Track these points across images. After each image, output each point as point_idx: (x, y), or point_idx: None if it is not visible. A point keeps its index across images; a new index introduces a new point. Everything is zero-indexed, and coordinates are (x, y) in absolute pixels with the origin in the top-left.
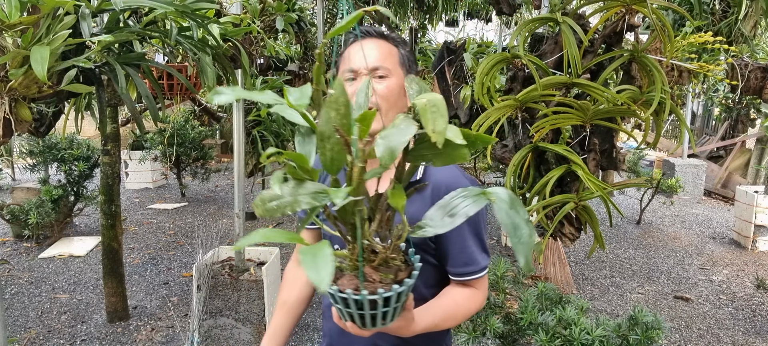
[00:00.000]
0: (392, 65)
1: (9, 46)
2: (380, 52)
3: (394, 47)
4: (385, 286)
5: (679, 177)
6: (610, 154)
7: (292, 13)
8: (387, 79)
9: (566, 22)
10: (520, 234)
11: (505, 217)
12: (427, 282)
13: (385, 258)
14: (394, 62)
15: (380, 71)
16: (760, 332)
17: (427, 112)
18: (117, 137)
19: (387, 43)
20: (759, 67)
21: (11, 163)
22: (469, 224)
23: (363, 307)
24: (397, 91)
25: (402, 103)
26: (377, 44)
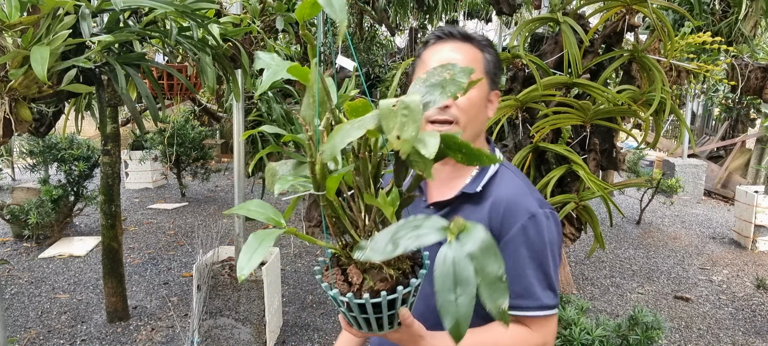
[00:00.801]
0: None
1: (9, 46)
2: (465, 60)
3: (479, 52)
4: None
5: (679, 177)
6: (611, 154)
7: (292, 13)
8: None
9: (566, 22)
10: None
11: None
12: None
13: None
14: (479, 70)
15: None
16: (760, 332)
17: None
18: (117, 137)
19: (472, 48)
20: (759, 67)
21: (11, 163)
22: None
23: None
24: (479, 103)
25: (483, 116)
26: (460, 49)
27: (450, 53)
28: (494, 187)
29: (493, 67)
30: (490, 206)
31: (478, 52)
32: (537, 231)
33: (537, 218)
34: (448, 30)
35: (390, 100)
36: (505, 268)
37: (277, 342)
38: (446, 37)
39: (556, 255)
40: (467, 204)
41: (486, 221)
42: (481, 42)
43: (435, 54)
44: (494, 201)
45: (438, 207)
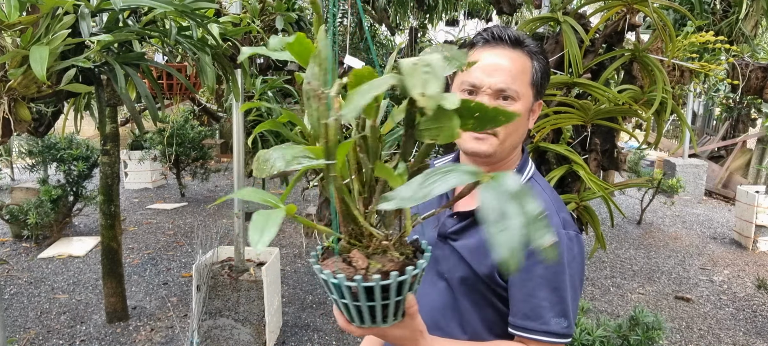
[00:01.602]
0: (522, 86)
1: (8, 45)
2: (512, 70)
3: (528, 61)
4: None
5: (680, 177)
6: (611, 154)
7: (291, 12)
8: (514, 103)
9: (567, 21)
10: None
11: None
12: (490, 327)
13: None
14: (524, 82)
15: (507, 92)
16: (760, 333)
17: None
18: (116, 137)
19: (522, 56)
20: (760, 67)
21: (10, 163)
22: (545, 268)
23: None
24: (523, 117)
25: (524, 128)
26: (510, 57)
27: (496, 59)
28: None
29: (540, 78)
30: None
31: (528, 61)
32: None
33: (559, 238)
34: (498, 33)
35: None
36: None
37: (276, 343)
38: (494, 42)
39: (576, 281)
40: None
41: None
42: (531, 48)
43: (480, 56)
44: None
45: (461, 218)
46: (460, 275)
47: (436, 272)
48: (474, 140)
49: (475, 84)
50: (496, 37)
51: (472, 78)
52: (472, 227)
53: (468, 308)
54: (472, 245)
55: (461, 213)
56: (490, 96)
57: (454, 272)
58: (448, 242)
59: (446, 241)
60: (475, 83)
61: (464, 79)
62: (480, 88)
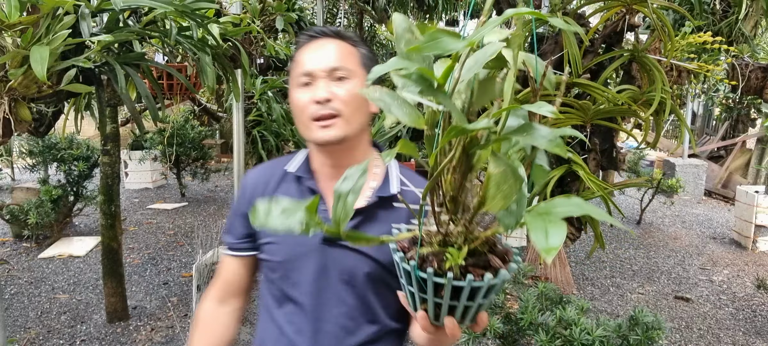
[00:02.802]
0: (353, 65)
1: (9, 46)
2: (339, 52)
3: (352, 47)
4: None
5: (680, 177)
6: (611, 154)
7: (292, 12)
8: (348, 81)
9: (566, 21)
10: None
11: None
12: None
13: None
14: (354, 62)
15: (340, 72)
16: (760, 333)
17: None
18: (117, 137)
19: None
20: (759, 67)
21: (11, 163)
22: None
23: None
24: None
25: (366, 109)
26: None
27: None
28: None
29: (368, 62)
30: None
31: (352, 47)
32: None
33: None
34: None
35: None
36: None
37: None
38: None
39: None
40: (381, 209)
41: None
42: (353, 39)
43: (308, 53)
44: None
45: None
46: (366, 272)
47: (339, 280)
48: (321, 129)
49: (309, 72)
50: (319, 33)
51: (305, 67)
52: (369, 220)
53: (375, 301)
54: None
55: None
56: (325, 78)
57: (358, 270)
58: (338, 243)
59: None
60: (308, 71)
61: (298, 72)
62: (314, 74)
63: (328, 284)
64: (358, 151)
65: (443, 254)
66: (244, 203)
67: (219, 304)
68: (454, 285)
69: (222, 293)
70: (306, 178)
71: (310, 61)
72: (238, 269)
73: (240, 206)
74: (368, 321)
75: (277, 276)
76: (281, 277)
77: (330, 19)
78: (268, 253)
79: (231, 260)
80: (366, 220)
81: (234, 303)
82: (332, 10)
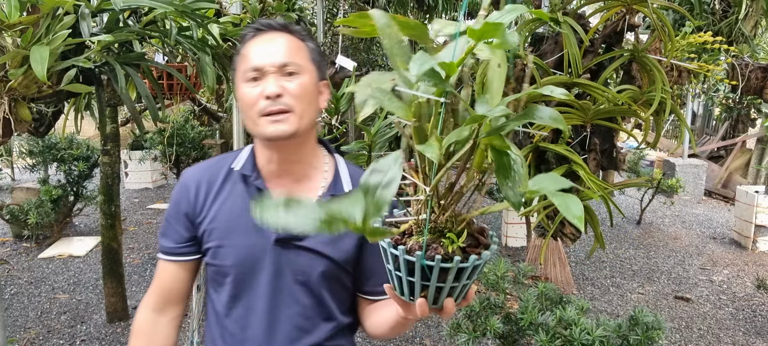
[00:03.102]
0: (303, 61)
1: (9, 46)
2: (288, 47)
3: (301, 42)
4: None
5: (680, 177)
6: (611, 154)
7: (292, 12)
8: (299, 77)
9: (567, 21)
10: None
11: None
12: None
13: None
14: (304, 58)
15: (290, 67)
16: (760, 333)
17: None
18: (117, 137)
19: (293, 37)
20: (759, 67)
21: (11, 163)
22: None
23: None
24: (311, 90)
25: (316, 104)
26: (282, 38)
27: (269, 43)
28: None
29: (317, 56)
30: None
31: (299, 41)
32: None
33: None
34: (267, 22)
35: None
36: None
37: None
38: (266, 29)
39: None
40: None
41: None
42: (301, 33)
43: (255, 47)
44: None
45: None
46: (321, 270)
47: (293, 280)
48: (272, 123)
49: (257, 67)
50: (265, 26)
51: (254, 62)
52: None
53: (329, 299)
54: (332, 235)
55: None
56: (275, 73)
57: (312, 269)
58: (292, 244)
59: (290, 244)
60: (257, 66)
61: (245, 68)
62: (263, 69)
63: (282, 285)
64: (306, 147)
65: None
66: (186, 204)
67: (157, 313)
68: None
69: (160, 301)
70: (252, 176)
71: (258, 55)
72: (178, 275)
73: (180, 208)
74: (324, 319)
75: (228, 280)
76: (234, 281)
77: (330, 18)
78: (216, 257)
79: (171, 266)
80: None
81: (173, 311)
82: (332, 9)
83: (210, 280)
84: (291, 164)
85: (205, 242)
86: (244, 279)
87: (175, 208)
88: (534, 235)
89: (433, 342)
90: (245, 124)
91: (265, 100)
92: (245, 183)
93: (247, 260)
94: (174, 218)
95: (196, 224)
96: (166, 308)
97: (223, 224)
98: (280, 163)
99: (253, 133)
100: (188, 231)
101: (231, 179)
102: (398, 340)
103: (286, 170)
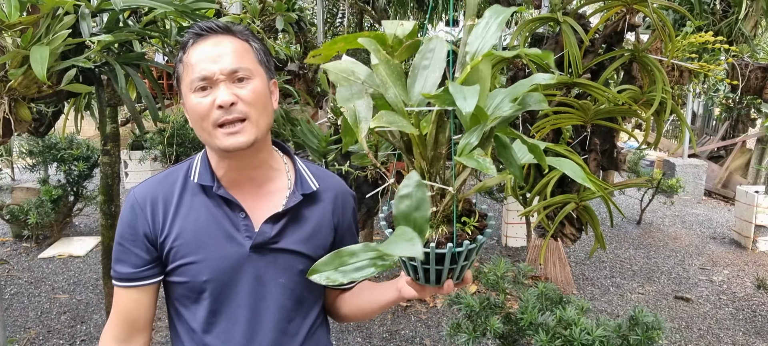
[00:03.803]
0: (251, 64)
1: (9, 46)
2: (235, 50)
3: (244, 42)
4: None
5: (680, 177)
6: (611, 154)
7: (292, 12)
8: (250, 82)
9: (567, 21)
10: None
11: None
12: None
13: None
14: (252, 60)
15: (240, 73)
16: (760, 333)
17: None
18: (117, 137)
19: (236, 39)
20: (759, 67)
21: (11, 163)
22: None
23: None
24: (264, 94)
25: (271, 107)
26: (227, 41)
27: (215, 49)
28: (322, 180)
29: (263, 56)
30: (333, 199)
31: (244, 43)
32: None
33: (355, 198)
34: (207, 25)
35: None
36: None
37: None
38: (207, 33)
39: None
40: (304, 208)
41: (331, 215)
42: (243, 33)
43: (199, 53)
44: (335, 194)
45: (277, 218)
46: (300, 269)
47: (275, 284)
48: (228, 136)
49: (206, 76)
50: (206, 29)
51: (201, 72)
52: (295, 220)
53: (307, 296)
54: (307, 233)
55: (276, 215)
56: (225, 81)
57: (291, 271)
58: (269, 248)
59: (267, 248)
60: (206, 75)
61: (192, 78)
62: (212, 78)
63: (264, 292)
64: (263, 152)
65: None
66: (144, 225)
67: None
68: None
69: (125, 331)
70: (214, 186)
71: (205, 63)
72: (141, 301)
73: (137, 230)
74: (302, 317)
75: (205, 296)
76: (211, 295)
77: (330, 18)
78: (188, 275)
79: (132, 293)
80: (291, 220)
81: (139, 339)
82: (332, 9)
83: (177, 299)
84: (250, 170)
85: (172, 261)
86: (223, 291)
87: (130, 230)
88: (534, 235)
89: (433, 342)
90: (199, 136)
91: (217, 110)
92: (206, 194)
93: (225, 272)
94: (130, 241)
95: (158, 245)
96: (133, 338)
97: (190, 239)
98: (239, 171)
99: (209, 145)
100: (148, 253)
101: (188, 191)
102: (398, 340)
103: (246, 176)
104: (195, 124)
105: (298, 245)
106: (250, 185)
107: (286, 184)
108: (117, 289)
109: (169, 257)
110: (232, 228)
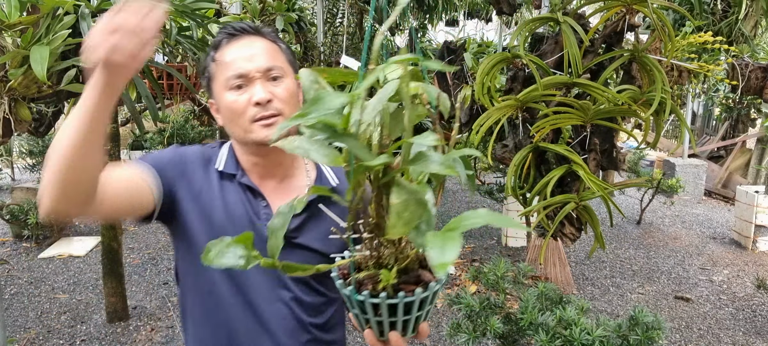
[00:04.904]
0: (283, 63)
1: (9, 46)
2: (267, 51)
3: (275, 44)
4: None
5: (680, 177)
6: (611, 154)
7: (292, 12)
8: (283, 80)
9: (567, 21)
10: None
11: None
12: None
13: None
14: (283, 60)
15: (274, 72)
16: (760, 332)
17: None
18: (117, 137)
19: (268, 41)
20: (759, 67)
21: (11, 163)
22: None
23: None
24: (296, 92)
25: (299, 106)
26: (259, 42)
27: (248, 49)
28: (342, 179)
29: (291, 57)
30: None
31: (273, 44)
32: None
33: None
34: (240, 26)
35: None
36: None
37: None
38: (240, 34)
39: None
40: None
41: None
42: (272, 35)
43: (234, 53)
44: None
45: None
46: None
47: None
48: (265, 128)
49: (242, 73)
50: (239, 30)
51: (237, 69)
52: (313, 217)
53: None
54: (323, 232)
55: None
56: (261, 79)
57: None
58: (289, 241)
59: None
60: (242, 73)
61: (228, 75)
62: (248, 76)
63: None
64: None
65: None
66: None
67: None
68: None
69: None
70: (239, 174)
71: (241, 62)
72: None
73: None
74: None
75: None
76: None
77: (330, 18)
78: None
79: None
80: (311, 217)
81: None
82: (332, 10)
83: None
84: (275, 167)
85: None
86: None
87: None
88: (534, 235)
89: (433, 342)
90: (232, 132)
91: (254, 106)
92: (231, 181)
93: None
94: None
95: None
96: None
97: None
98: (265, 166)
99: (242, 140)
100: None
101: (214, 176)
102: None
103: (270, 172)
104: (229, 121)
105: (314, 243)
106: (273, 179)
107: (306, 181)
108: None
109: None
110: (254, 215)
